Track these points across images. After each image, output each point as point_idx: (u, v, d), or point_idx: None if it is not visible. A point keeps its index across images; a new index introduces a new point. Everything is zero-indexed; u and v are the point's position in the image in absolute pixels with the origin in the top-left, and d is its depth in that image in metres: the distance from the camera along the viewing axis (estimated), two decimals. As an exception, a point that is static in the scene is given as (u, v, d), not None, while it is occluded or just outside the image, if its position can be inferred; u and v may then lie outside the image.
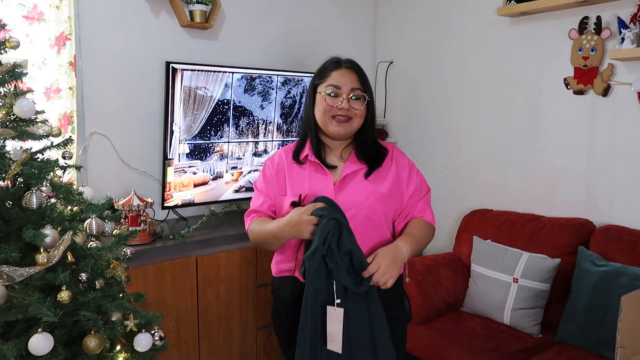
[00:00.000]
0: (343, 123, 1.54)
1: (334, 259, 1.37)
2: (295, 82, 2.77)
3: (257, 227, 1.59)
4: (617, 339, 1.22)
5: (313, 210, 1.41)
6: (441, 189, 3.07)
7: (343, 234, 1.38)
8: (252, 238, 1.64)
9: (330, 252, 1.37)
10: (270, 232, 1.52)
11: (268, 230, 1.53)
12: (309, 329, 1.42)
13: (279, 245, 1.58)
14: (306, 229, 1.41)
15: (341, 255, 1.36)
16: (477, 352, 2.11)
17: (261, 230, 1.57)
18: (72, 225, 1.51)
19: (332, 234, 1.36)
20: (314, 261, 1.38)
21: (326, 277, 1.40)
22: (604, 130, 2.40)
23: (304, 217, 1.41)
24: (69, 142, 1.65)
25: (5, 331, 1.42)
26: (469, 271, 2.57)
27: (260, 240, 1.60)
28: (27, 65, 1.57)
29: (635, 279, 2.00)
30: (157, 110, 2.52)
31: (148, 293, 2.01)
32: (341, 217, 1.41)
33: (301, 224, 1.41)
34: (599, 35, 2.33)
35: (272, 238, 1.53)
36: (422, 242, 1.58)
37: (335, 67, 1.56)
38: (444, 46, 3.04)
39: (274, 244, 1.57)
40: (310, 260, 1.38)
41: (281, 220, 1.49)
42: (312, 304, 1.42)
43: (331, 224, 1.37)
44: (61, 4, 2.14)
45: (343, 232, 1.38)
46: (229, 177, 2.64)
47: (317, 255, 1.37)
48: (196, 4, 2.52)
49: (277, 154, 1.67)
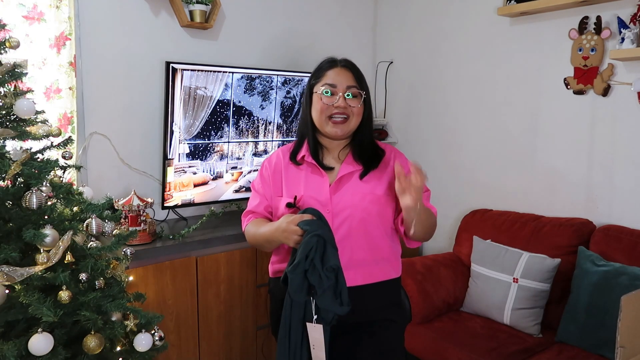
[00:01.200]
0: (339, 124, 1.53)
1: (316, 275, 1.34)
2: (295, 82, 2.77)
3: (252, 229, 1.60)
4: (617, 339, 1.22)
5: (299, 221, 1.39)
6: (441, 188, 3.07)
7: (327, 250, 1.35)
8: (247, 239, 1.64)
9: (313, 267, 1.34)
10: (263, 236, 1.53)
11: (261, 234, 1.54)
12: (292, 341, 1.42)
13: (272, 248, 1.59)
14: (292, 238, 1.40)
15: (325, 271, 1.34)
16: (477, 352, 2.11)
17: (255, 233, 1.57)
18: (72, 225, 1.51)
19: (314, 249, 1.34)
20: (295, 276, 1.35)
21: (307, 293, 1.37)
22: (604, 130, 2.40)
23: (291, 226, 1.40)
24: (69, 142, 1.65)
25: (5, 331, 1.42)
26: (469, 271, 2.57)
27: (254, 242, 1.61)
28: (27, 65, 1.57)
29: (635, 279, 2.00)
30: (157, 110, 2.52)
31: (148, 293, 2.02)
32: (327, 232, 1.38)
33: (287, 232, 1.40)
34: (599, 35, 2.33)
35: (265, 241, 1.54)
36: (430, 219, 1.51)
37: (331, 67, 1.56)
38: (444, 46, 3.04)
39: (267, 247, 1.58)
40: (292, 274, 1.36)
41: (272, 225, 1.49)
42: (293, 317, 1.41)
43: (314, 241, 1.34)
44: (61, 4, 2.14)
45: (327, 248, 1.35)
46: (229, 177, 2.64)
47: (299, 270, 1.35)
48: (196, 4, 2.52)
49: (275, 154, 1.66)
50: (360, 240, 1.50)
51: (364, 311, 1.50)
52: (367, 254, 1.51)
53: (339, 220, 1.49)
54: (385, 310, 1.55)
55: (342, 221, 1.49)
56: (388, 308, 1.56)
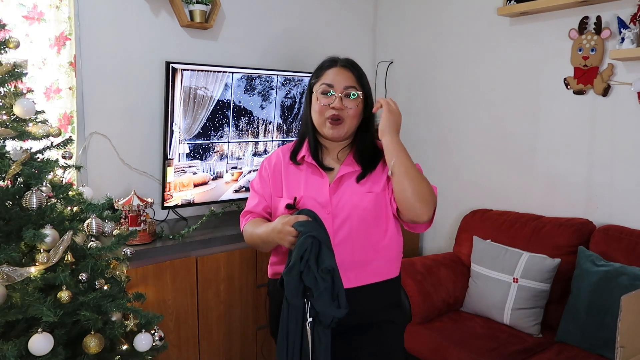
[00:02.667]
0: (335, 126, 1.51)
1: (311, 276, 1.33)
2: (295, 82, 2.77)
3: (250, 229, 1.59)
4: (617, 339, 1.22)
5: (294, 222, 1.38)
6: (441, 189, 3.04)
7: (322, 250, 1.34)
8: (245, 239, 1.63)
9: (308, 268, 1.33)
10: (260, 236, 1.52)
11: (258, 234, 1.53)
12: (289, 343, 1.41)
13: (269, 249, 1.58)
14: (287, 239, 1.39)
15: (321, 273, 1.32)
16: (477, 352, 2.11)
17: (252, 233, 1.56)
18: (72, 225, 1.51)
19: (309, 250, 1.33)
20: (291, 278, 1.34)
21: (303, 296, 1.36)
22: (604, 130, 2.40)
23: (286, 227, 1.39)
24: (69, 142, 1.66)
25: (5, 331, 1.42)
26: (469, 271, 2.57)
27: (252, 242, 1.60)
28: (27, 65, 1.57)
29: (635, 279, 2.00)
30: (157, 110, 2.52)
31: (148, 293, 2.02)
32: (322, 234, 1.36)
33: (282, 233, 1.40)
34: (599, 35, 2.33)
35: (261, 242, 1.53)
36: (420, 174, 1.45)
37: (330, 66, 1.54)
38: (444, 46, 3.04)
39: (264, 248, 1.57)
40: (287, 276, 1.35)
41: (269, 226, 1.48)
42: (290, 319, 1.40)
43: (308, 242, 1.33)
44: (61, 4, 2.14)
45: (322, 249, 1.34)
46: (229, 177, 2.64)
47: (294, 272, 1.34)
48: (196, 4, 2.52)
49: (275, 154, 1.65)
50: (360, 240, 1.49)
51: (364, 312, 1.50)
52: (367, 254, 1.50)
53: (339, 221, 1.49)
54: (386, 311, 1.54)
55: (342, 222, 1.48)
56: (388, 309, 1.55)
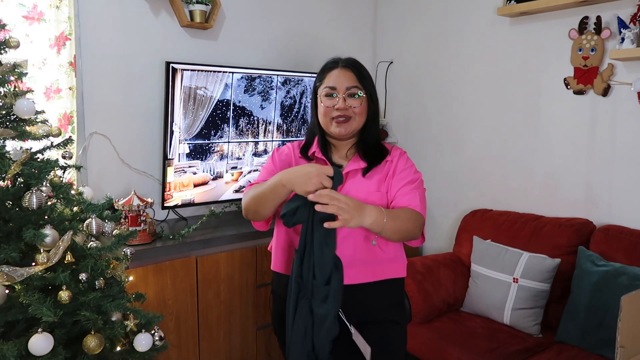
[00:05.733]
0: (342, 123, 1.53)
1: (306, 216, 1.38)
2: (295, 82, 2.77)
3: (255, 188, 1.52)
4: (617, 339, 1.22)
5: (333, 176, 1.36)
6: (441, 189, 3.07)
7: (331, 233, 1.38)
8: (244, 201, 1.54)
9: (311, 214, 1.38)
10: (270, 184, 1.44)
11: (269, 184, 1.45)
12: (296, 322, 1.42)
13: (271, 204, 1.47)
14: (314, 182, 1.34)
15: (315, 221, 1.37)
16: (477, 352, 2.11)
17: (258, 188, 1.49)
18: (72, 225, 1.51)
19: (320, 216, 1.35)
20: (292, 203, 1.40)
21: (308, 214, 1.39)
22: (603, 130, 2.40)
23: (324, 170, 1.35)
24: (69, 142, 1.65)
25: (5, 331, 1.42)
26: (469, 271, 2.57)
27: (253, 200, 1.50)
28: (27, 65, 1.57)
29: (635, 279, 2.00)
30: (157, 110, 2.52)
31: (148, 293, 2.02)
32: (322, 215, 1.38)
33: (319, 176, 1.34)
34: (599, 35, 2.33)
35: (270, 190, 1.44)
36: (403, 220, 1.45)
37: (332, 68, 1.57)
38: (444, 46, 3.04)
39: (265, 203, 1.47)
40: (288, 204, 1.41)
41: (290, 169, 1.42)
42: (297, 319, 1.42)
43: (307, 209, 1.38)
44: (61, 4, 2.14)
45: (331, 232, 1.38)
46: (229, 177, 2.64)
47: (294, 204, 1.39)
48: (196, 4, 2.52)
49: (285, 147, 1.67)
50: (362, 237, 1.50)
51: (367, 310, 1.51)
52: (370, 251, 1.51)
53: None
54: (388, 310, 1.55)
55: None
56: (391, 308, 1.55)
